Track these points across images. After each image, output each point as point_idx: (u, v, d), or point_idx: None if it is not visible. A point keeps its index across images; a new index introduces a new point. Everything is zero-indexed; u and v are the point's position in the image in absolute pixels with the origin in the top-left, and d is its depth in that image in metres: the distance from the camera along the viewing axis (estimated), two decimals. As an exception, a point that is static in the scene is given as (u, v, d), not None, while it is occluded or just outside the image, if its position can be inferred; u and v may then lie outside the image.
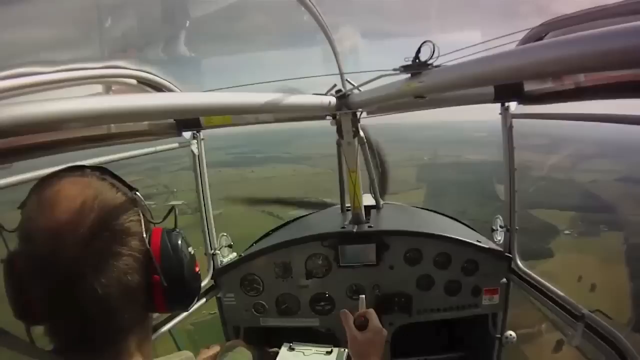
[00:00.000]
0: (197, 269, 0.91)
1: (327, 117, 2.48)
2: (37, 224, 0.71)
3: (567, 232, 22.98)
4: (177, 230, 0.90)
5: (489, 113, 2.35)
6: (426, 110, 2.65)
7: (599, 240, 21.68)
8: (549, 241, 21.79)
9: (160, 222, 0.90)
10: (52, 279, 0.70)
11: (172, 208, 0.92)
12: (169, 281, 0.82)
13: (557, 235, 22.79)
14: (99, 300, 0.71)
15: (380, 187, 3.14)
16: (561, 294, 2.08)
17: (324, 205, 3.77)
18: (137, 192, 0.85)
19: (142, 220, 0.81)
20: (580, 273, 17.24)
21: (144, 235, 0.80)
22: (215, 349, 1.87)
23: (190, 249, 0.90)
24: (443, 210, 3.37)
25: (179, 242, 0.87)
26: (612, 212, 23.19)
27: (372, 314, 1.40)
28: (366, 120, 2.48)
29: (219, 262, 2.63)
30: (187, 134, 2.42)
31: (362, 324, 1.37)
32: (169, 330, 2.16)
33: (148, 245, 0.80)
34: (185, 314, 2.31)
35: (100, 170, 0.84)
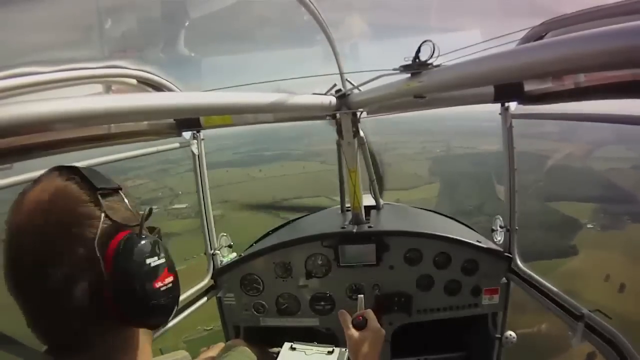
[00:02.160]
0: (158, 283, 0.77)
1: (327, 117, 2.48)
2: (7, 228, 0.73)
3: (589, 225, 22.14)
4: (144, 234, 0.77)
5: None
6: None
7: (624, 233, 20.58)
8: (572, 237, 20.86)
9: (134, 225, 0.78)
10: (14, 280, 0.72)
11: (150, 210, 0.82)
12: (119, 294, 0.72)
13: (579, 229, 21.76)
14: (50, 304, 0.71)
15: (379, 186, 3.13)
16: (561, 293, 2.08)
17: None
18: (111, 192, 0.78)
19: (101, 224, 0.73)
20: (610, 272, 16.21)
21: (95, 241, 0.71)
22: (217, 348, 1.87)
23: (155, 258, 0.77)
24: (458, 205, 3.33)
25: (143, 248, 0.75)
26: (633, 202, 22.07)
27: (370, 314, 1.41)
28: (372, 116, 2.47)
29: (219, 262, 2.63)
30: (187, 134, 2.42)
31: (360, 324, 1.37)
32: (160, 349, 2.14)
33: (97, 252, 0.71)
34: (183, 314, 2.32)
35: (71, 170, 0.78)
